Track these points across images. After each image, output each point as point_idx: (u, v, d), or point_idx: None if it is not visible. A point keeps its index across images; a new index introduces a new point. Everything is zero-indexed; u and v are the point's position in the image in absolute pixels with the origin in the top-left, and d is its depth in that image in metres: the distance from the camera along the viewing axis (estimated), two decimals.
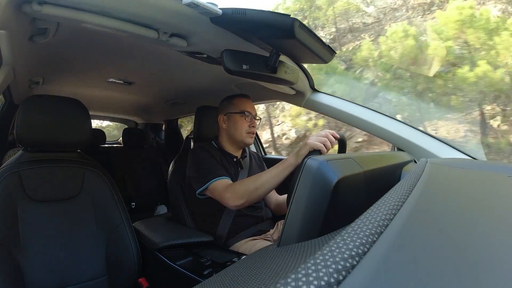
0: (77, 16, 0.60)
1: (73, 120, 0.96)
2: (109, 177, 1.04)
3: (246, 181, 0.92)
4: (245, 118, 1.10)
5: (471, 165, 0.65)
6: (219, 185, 0.97)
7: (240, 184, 0.92)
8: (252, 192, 0.87)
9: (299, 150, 0.82)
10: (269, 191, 0.89)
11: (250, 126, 1.11)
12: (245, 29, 0.70)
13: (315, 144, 0.77)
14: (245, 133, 1.11)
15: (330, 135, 0.81)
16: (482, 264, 0.19)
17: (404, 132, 0.99)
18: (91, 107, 1.08)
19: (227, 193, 0.93)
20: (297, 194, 0.42)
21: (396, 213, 0.26)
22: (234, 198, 0.90)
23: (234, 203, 0.90)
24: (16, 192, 0.86)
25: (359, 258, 0.18)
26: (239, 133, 1.11)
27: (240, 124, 1.11)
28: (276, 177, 0.86)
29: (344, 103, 1.10)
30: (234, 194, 0.90)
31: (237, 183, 0.94)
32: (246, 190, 0.88)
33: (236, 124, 1.11)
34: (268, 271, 0.34)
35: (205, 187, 0.99)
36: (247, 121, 1.11)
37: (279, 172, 0.85)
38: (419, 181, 0.40)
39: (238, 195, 0.89)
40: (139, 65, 1.21)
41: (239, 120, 1.11)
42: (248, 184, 0.89)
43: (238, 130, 1.11)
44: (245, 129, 1.11)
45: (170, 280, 0.95)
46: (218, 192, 0.96)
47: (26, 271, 0.82)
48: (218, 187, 0.97)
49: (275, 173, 0.86)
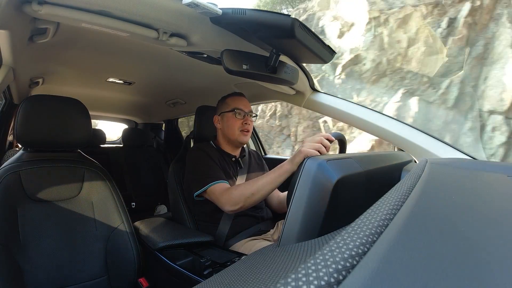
0: (77, 16, 0.60)
1: (73, 120, 0.96)
2: (109, 177, 1.04)
3: (243, 186, 0.92)
4: (236, 116, 1.09)
5: (471, 165, 0.64)
6: (216, 188, 0.98)
7: (236, 189, 0.92)
8: (248, 197, 0.88)
9: (294, 157, 0.80)
10: (265, 196, 0.89)
11: (243, 124, 1.10)
12: (245, 29, 0.70)
13: (309, 152, 0.75)
14: (238, 131, 1.10)
15: (325, 140, 0.78)
16: (482, 264, 0.19)
17: (404, 132, 0.99)
18: (91, 107, 1.08)
19: (224, 197, 0.94)
20: (297, 194, 0.42)
21: (396, 213, 0.26)
22: (230, 203, 0.91)
23: (230, 207, 0.91)
24: (16, 192, 0.86)
25: (359, 258, 0.18)
26: (232, 132, 1.10)
27: (233, 122, 1.10)
28: (272, 183, 0.85)
29: (344, 103, 1.10)
30: (230, 199, 0.91)
31: (234, 188, 0.94)
32: (242, 195, 0.89)
33: (228, 122, 1.11)
34: (268, 271, 0.34)
35: (202, 191, 1.00)
36: (239, 119, 1.10)
37: (275, 178, 0.85)
38: (419, 181, 0.40)
39: (234, 200, 0.90)
40: (139, 65, 1.21)
41: (231, 118, 1.10)
42: (244, 189, 0.90)
43: (231, 129, 1.10)
44: (238, 126, 1.10)
45: (170, 280, 0.95)
46: (215, 196, 0.97)
47: (26, 271, 0.82)
48: (215, 191, 0.98)
49: (270, 179, 0.85)
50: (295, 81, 0.89)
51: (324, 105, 1.14)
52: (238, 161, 1.16)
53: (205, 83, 1.40)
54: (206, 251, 0.96)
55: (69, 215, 0.93)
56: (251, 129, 1.13)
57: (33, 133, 0.90)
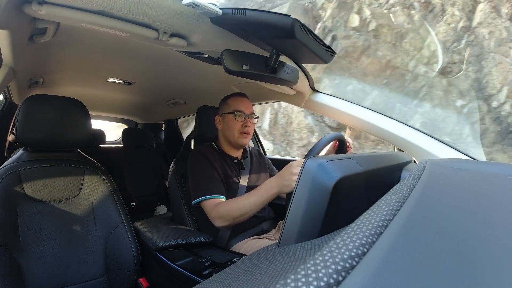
0: (77, 16, 0.60)
1: (73, 120, 0.96)
2: (109, 177, 1.04)
3: (234, 205, 0.94)
4: (236, 118, 1.08)
5: (471, 165, 0.64)
6: (208, 203, 1.00)
7: (225, 207, 0.95)
8: (237, 217, 0.93)
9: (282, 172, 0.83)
10: (255, 213, 0.92)
11: (243, 126, 1.09)
12: (245, 29, 0.70)
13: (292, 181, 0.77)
14: (238, 133, 1.09)
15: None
16: (482, 264, 0.19)
17: (404, 133, 0.99)
18: (91, 107, 1.08)
19: (213, 213, 0.98)
20: (297, 195, 0.42)
21: (396, 214, 0.26)
22: (219, 220, 0.96)
23: (219, 224, 0.96)
24: (16, 192, 0.86)
25: (359, 259, 0.18)
26: (232, 134, 1.09)
27: (233, 124, 1.09)
28: (260, 203, 0.89)
29: (344, 103, 1.10)
30: (220, 217, 0.96)
31: (224, 205, 0.96)
32: (231, 216, 0.93)
33: (229, 124, 1.10)
34: (268, 272, 0.34)
35: (196, 202, 1.02)
36: (239, 121, 1.08)
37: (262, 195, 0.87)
38: (419, 181, 0.40)
39: (224, 219, 0.95)
40: (139, 65, 1.21)
41: (231, 120, 1.09)
42: (233, 209, 0.93)
43: (231, 131, 1.09)
44: (238, 129, 1.08)
45: (170, 280, 0.95)
46: (206, 210, 1.01)
47: (26, 271, 0.82)
48: (207, 206, 1.00)
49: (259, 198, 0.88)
50: (295, 81, 0.89)
51: (324, 105, 1.14)
52: (241, 162, 1.16)
53: (205, 83, 1.40)
54: (205, 251, 0.96)
55: (69, 215, 0.93)
56: (252, 132, 1.12)
57: (33, 133, 0.90)
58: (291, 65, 0.86)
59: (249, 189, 1.12)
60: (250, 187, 1.13)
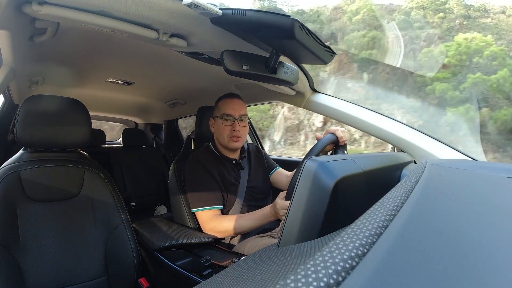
0: (77, 16, 0.60)
1: (73, 120, 0.96)
2: (109, 177, 1.03)
3: (230, 222, 0.98)
4: (222, 122, 1.06)
5: (471, 166, 0.64)
6: (204, 214, 1.02)
7: (222, 222, 0.99)
8: (230, 233, 0.99)
9: (275, 205, 0.90)
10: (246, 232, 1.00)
11: (231, 130, 1.06)
12: (245, 29, 0.70)
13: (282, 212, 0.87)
14: (227, 138, 1.07)
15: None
16: (482, 265, 0.19)
17: (404, 133, 0.99)
18: (91, 107, 1.08)
19: (208, 226, 1.01)
20: (296, 195, 0.42)
21: (396, 214, 0.26)
22: (214, 232, 1.00)
23: (213, 236, 1.00)
24: (16, 192, 0.86)
25: (359, 259, 0.18)
26: (222, 138, 1.08)
27: (222, 128, 1.07)
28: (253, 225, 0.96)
29: (344, 104, 1.10)
30: (214, 230, 1.00)
31: (219, 221, 1.00)
32: (226, 231, 0.99)
33: (219, 128, 1.09)
34: (268, 272, 0.34)
35: (193, 211, 1.05)
36: (227, 125, 1.06)
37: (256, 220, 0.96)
38: (419, 182, 0.40)
39: (219, 232, 1.00)
40: (139, 65, 1.21)
41: (220, 124, 1.08)
42: (229, 226, 0.97)
43: (221, 135, 1.08)
44: (227, 133, 1.06)
45: (170, 280, 0.95)
46: (201, 221, 1.04)
47: (26, 271, 0.81)
48: (202, 216, 1.03)
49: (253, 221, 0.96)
50: (295, 82, 0.89)
51: (324, 105, 1.14)
52: (239, 163, 1.15)
53: (205, 83, 1.40)
54: (205, 251, 0.96)
55: (69, 215, 0.92)
56: (243, 135, 1.09)
57: (33, 133, 0.90)
58: (291, 66, 0.86)
59: (249, 188, 1.12)
60: (250, 187, 1.13)
